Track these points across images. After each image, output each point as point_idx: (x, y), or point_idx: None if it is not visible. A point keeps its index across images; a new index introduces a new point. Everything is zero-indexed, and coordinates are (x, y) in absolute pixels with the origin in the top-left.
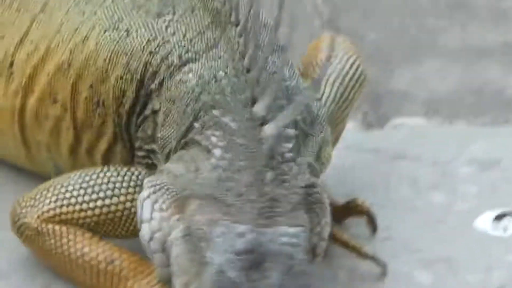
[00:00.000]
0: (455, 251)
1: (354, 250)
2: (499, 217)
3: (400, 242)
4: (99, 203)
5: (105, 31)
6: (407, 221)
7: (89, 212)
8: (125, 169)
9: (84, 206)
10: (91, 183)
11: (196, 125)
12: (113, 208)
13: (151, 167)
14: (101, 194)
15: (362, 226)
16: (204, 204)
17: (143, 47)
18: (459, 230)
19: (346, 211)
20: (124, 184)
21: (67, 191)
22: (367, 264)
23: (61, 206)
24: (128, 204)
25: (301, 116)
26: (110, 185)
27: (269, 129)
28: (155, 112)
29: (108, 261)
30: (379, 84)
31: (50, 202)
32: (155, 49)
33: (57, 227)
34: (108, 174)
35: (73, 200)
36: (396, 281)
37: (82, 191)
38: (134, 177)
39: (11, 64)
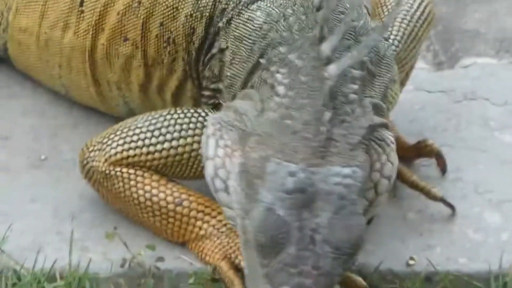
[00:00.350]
0: None
1: (423, 192)
2: None
3: (470, 183)
4: (166, 145)
5: None
6: (477, 162)
7: (157, 155)
8: (192, 110)
9: (152, 148)
10: (158, 125)
11: (262, 61)
12: (180, 150)
13: (218, 107)
14: (168, 136)
15: (432, 167)
16: (260, 140)
17: None
18: None
19: (415, 151)
20: (191, 126)
21: (134, 134)
22: (436, 205)
23: (129, 149)
24: (195, 146)
25: (368, 56)
26: (177, 127)
27: (332, 69)
28: (222, 51)
29: (176, 202)
30: (450, 23)
31: (118, 145)
32: None
33: (124, 170)
34: (175, 116)
35: (140, 143)
36: (466, 221)
37: (149, 134)
38: (201, 119)
39: (81, 3)
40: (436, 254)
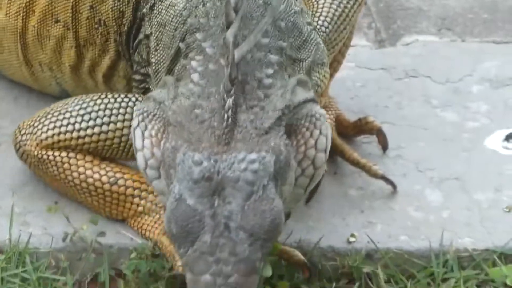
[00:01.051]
0: (466, 169)
1: (364, 169)
2: (509, 136)
3: (411, 161)
4: (96, 130)
5: None
6: (418, 140)
7: (87, 139)
8: (122, 95)
9: (82, 133)
10: (88, 109)
11: (182, 46)
12: (110, 134)
13: (148, 92)
14: (98, 121)
15: (373, 144)
16: (174, 130)
17: None
18: (470, 149)
19: (356, 129)
20: (121, 111)
21: (64, 118)
22: (378, 182)
23: (59, 133)
24: (125, 131)
25: (287, 42)
26: (107, 112)
27: (233, 55)
28: (147, 37)
29: (111, 182)
30: (392, 0)
31: (48, 129)
32: None
33: (57, 154)
34: (105, 100)
35: (70, 127)
36: (407, 199)
37: (79, 118)
38: (131, 104)
39: None
40: (377, 232)
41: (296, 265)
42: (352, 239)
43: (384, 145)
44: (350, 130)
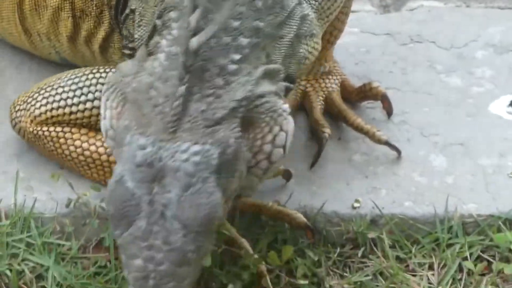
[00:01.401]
0: (470, 135)
1: (368, 135)
2: None
3: (416, 126)
4: (88, 105)
5: None
6: (423, 105)
7: (79, 114)
8: (114, 69)
9: (74, 108)
10: (80, 85)
11: (158, 23)
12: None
13: None
14: (90, 96)
15: (378, 110)
16: (130, 109)
17: None
18: (474, 114)
19: (361, 94)
20: None
21: (57, 93)
22: (382, 147)
23: (51, 109)
24: None
25: (265, 21)
26: (99, 86)
27: (193, 42)
28: (133, 12)
29: (108, 152)
30: None
31: (41, 105)
32: None
33: (52, 129)
34: (97, 75)
35: (63, 103)
36: (411, 164)
37: (71, 94)
38: None
39: None
40: (381, 197)
41: (298, 227)
42: (356, 204)
43: (388, 111)
44: (354, 95)
